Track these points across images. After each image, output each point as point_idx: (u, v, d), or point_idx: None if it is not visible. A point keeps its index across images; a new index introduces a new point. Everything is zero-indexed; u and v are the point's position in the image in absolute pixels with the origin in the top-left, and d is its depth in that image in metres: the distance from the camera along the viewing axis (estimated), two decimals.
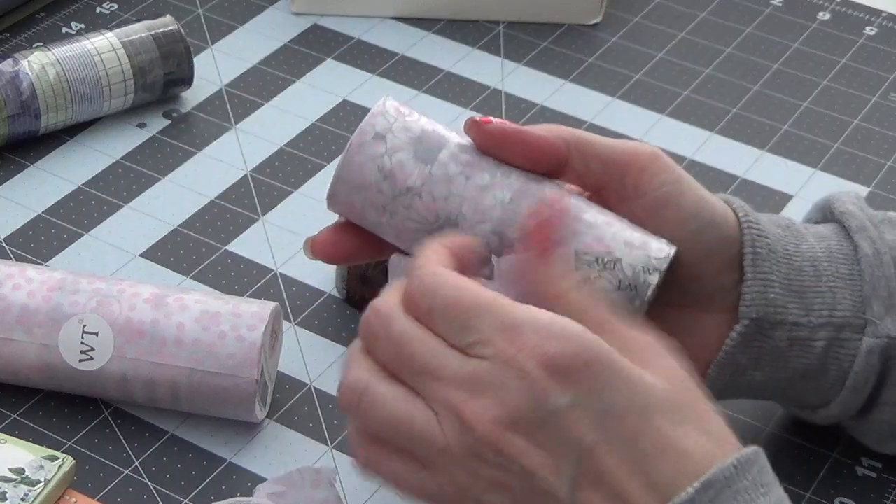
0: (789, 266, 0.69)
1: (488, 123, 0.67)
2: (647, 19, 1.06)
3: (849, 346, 0.69)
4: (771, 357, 0.69)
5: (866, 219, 0.71)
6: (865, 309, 0.69)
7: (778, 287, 0.68)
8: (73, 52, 0.90)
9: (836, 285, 0.69)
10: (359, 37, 1.03)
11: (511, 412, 0.57)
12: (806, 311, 0.69)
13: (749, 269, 0.68)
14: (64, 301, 0.73)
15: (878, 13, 1.08)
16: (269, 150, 0.93)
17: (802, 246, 0.70)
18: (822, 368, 0.69)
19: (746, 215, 0.69)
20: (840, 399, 0.70)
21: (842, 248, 0.70)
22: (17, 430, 0.74)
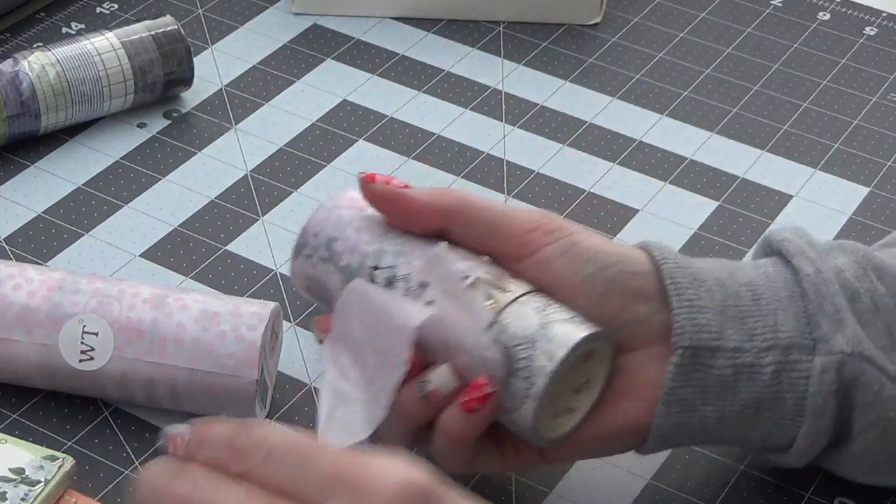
0: (723, 293, 0.67)
1: (371, 182, 0.68)
2: (647, 19, 1.06)
3: (800, 367, 0.66)
4: (718, 389, 0.66)
5: (804, 244, 0.69)
6: (813, 329, 0.66)
7: (710, 313, 0.66)
8: (73, 52, 0.90)
9: (776, 308, 0.67)
10: (359, 37, 1.03)
11: None
12: (748, 336, 0.66)
13: (674, 298, 0.66)
14: (64, 301, 0.73)
15: (878, 13, 1.08)
16: (269, 150, 0.93)
17: (737, 273, 0.68)
18: (776, 397, 0.67)
19: (662, 253, 0.67)
20: (805, 429, 0.67)
21: (779, 272, 0.68)
22: (17, 430, 0.74)
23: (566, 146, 0.94)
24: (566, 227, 0.67)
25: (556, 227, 0.67)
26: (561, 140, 0.95)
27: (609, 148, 0.95)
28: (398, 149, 0.93)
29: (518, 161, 0.93)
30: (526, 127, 0.96)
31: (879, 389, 0.67)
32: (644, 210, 0.90)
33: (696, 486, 0.73)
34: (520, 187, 0.91)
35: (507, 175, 0.92)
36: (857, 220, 0.90)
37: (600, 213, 0.89)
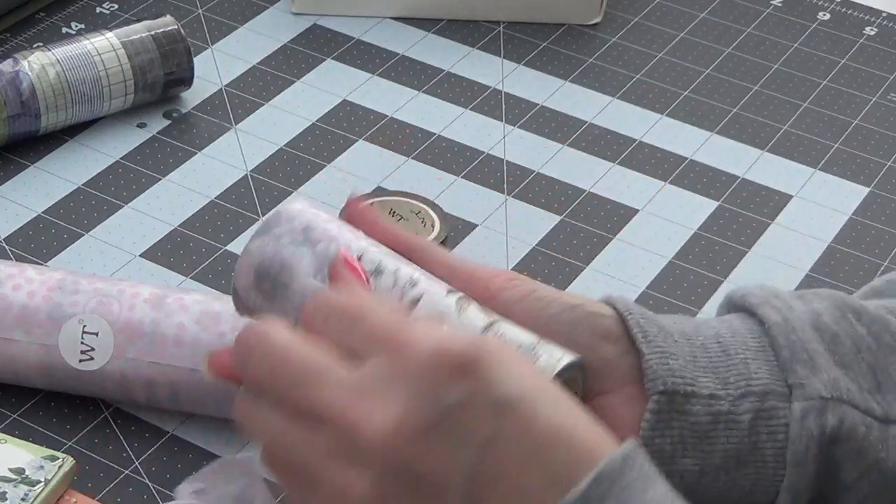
0: (691, 345, 0.65)
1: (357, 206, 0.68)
2: (647, 19, 1.06)
3: (778, 415, 0.64)
4: (696, 438, 0.64)
5: (768, 294, 0.67)
6: (788, 375, 0.64)
7: (681, 360, 0.64)
8: (73, 52, 0.90)
9: (747, 356, 0.65)
10: (359, 37, 1.03)
11: (404, 414, 0.55)
12: (722, 384, 0.64)
13: (643, 345, 0.65)
14: (64, 301, 0.73)
15: (878, 13, 1.08)
16: (269, 150, 0.93)
17: (702, 328, 0.66)
18: (755, 448, 0.64)
19: (626, 305, 0.66)
20: (787, 482, 0.64)
21: (745, 324, 0.66)
22: (17, 430, 0.74)
23: (566, 146, 0.94)
24: (528, 279, 0.67)
25: (517, 277, 0.67)
26: (561, 140, 0.95)
27: (609, 148, 0.95)
28: (398, 149, 0.93)
29: (518, 161, 0.93)
30: (526, 127, 0.96)
31: (866, 433, 0.64)
32: (644, 210, 0.90)
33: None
34: (520, 187, 0.91)
35: (507, 175, 0.92)
36: (857, 220, 0.90)
37: (600, 213, 0.89)
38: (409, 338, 0.56)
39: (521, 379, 0.56)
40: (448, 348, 0.55)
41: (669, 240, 0.88)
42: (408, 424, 0.55)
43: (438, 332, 0.56)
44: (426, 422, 0.55)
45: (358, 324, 0.58)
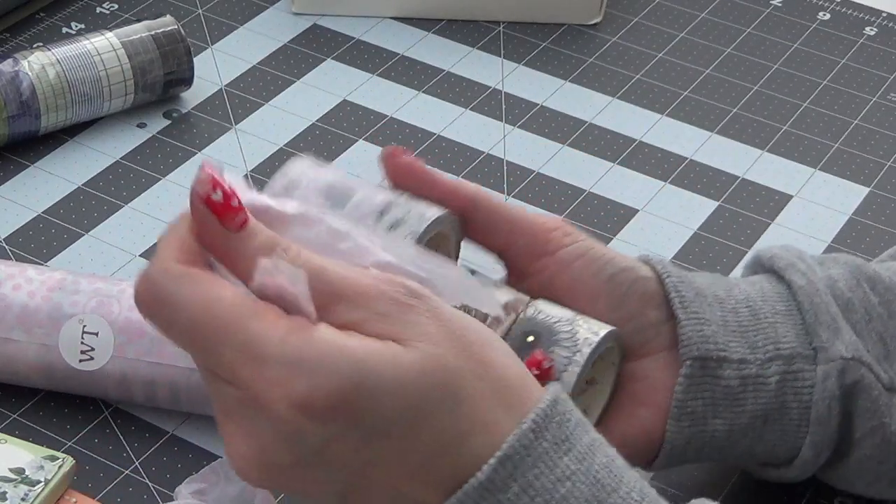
0: (723, 309, 0.68)
1: (400, 158, 0.66)
2: (647, 19, 1.06)
3: (804, 377, 0.67)
4: (726, 401, 0.67)
5: (793, 257, 0.69)
6: (812, 338, 0.67)
7: (714, 326, 0.67)
8: (73, 52, 0.90)
9: (775, 321, 0.68)
10: (359, 37, 1.03)
11: (261, 452, 0.52)
12: (751, 348, 0.67)
13: (679, 310, 0.67)
14: (64, 301, 0.73)
15: (878, 13, 1.08)
16: (269, 150, 0.93)
17: (734, 291, 0.69)
18: (781, 407, 0.67)
19: (664, 267, 0.68)
20: (810, 439, 0.67)
21: (774, 287, 0.69)
22: (17, 430, 0.74)
23: (566, 146, 0.94)
24: (580, 233, 0.68)
25: (571, 230, 0.68)
26: (561, 140, 0.95)
27: (609, 148, 0.95)
28: None
29: (518, 161, 0.93)
30: (526, 127, 0.96)
31: (877, 395, 0.67)
32: (644, 210, 0.90)
33: (696, 487, 0.73)
34: (520, 187, 0.91)
35: (507, 175, 0.92)
36: (857, 220, 0.90)
37: (600, 213, 0.89)
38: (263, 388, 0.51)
39: (394, 401, 0.52)
40: (307, 401, 0.51)
41: (669, 240, 0.88)
42: (266, 462, 0.53)
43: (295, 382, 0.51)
44: (285, 462, 0.53)
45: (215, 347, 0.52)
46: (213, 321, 0.52)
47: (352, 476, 0.53)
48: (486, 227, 0.67)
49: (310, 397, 0.51)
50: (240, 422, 0.53)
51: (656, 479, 0.73)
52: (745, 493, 0.73)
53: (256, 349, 0.51)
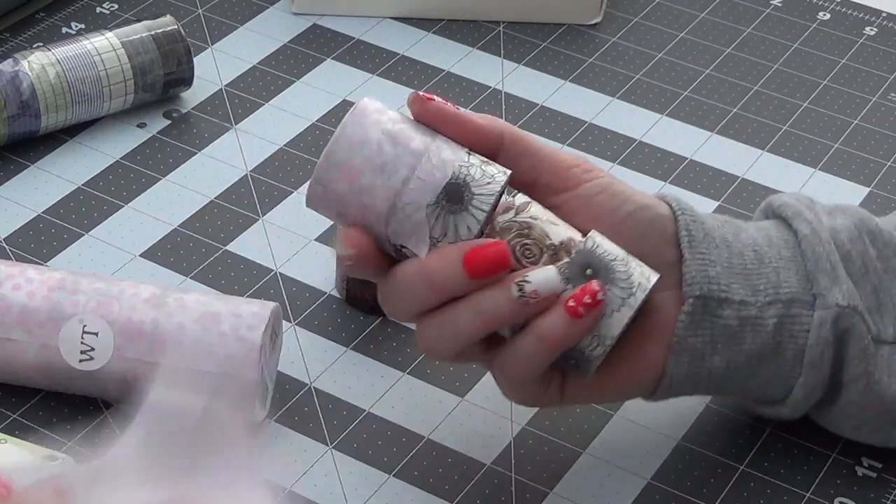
0: (729, 251, 0.70)
1: (431, 101, 0.68)
2: (647, 19, 1.06)
3: (801, 321, 0.70)
4: (725, 339, 0.70)
5: (802, 206, 0.72)
6: (812, 285, 0.70)
7: (719, 267, 0.70)
8: (73, 52, 0.90)
9: (779, 266, 0.71)
10: (359, 37, 1.03)
11: None
12: (752, 291, 0.70)
13: (686, 249, 0.70)
14: (64, 301, 0.73)
15: (878, 13, 1.08)
16: (269, 150, 0.93)
17: (741, 234, 0.72)
18: (777, 348, 0.70)
19: (679, 204, 0.71)
20: (802, 380, 0.70)
21: (781, 234, 0.72)
22: (17, 430, 0.74)
23: (566, 146, 0.94)
24: (601, 170, 0.70)
25: (593, 167, 0.70)
26: (561, 140, 0.95)
27: (609, 148, 0.95)
28: None
29: None
30: (526, 127, 0.96)
31: (866, 345, 0.70)
32: None
33: (696, 486, 0.73)
34: None
35: None
36: None
37: None
38: None
39: None
40: None
41: None
42: None
43: None
44: None
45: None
46: None
47: None
48: (512, 161, 0.69)
49: None
50: None
51: (656, 479, 0.73)
52: (745, 492, 0.73)
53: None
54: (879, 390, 0.71)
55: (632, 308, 0.67)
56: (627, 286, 0.67)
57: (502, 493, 0.73)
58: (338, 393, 0.77)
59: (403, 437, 0.75)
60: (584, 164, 0.70)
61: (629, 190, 0.70)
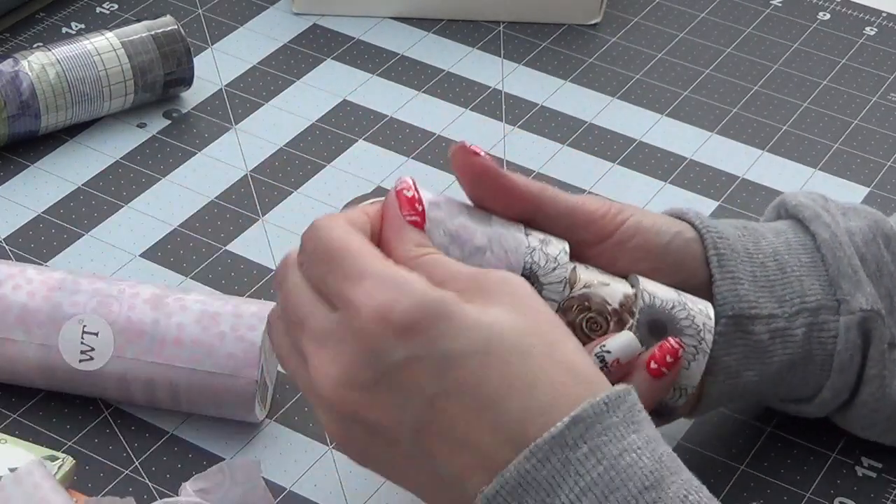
0: (752, 263, 0.70)
1: (477, 157, 0.66)
2: (647, 19, 1.06)
3: (828, 328, 0.70)
4: (757, 354, 0.70)
5: (819, 207, 0.72)
6: (836, 290, 0.70)
7: (746, 283, 0.70)
8: (73, 52, 0.90)
9: (801, 274, 0.71)
10: (359, 37, 1.03)
11: (347, 369, 0.58)
12: (779, 302, 0.70)
13: (716, 269, 0.69)
14: (64, 301, 0.73)
15: (878, 13, 1.08)
16: (269, 150, 0.93)
17: (762, 243, 0.71)
18: (807, 356, 0.70)
19: (702, 221, 0.70)
20: (830, 383, 0.71)
21: (799, 239, 0.72)
22: (17, 430, 0.74)
23: (566, 146, 0.94)
24: (625, 208, 0.70)
25: (620, 208, 0.70)
26: (561, 140, 0.95)
27: (609, 148, 0.95)
28: (398, 149, 0.93)
29: (518, 161, 0.93)
30: (526, 127, 0.96)
31: (884, 349, 0.71)
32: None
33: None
34: None
35: None
36: None
37: None
38: (357, 298, 0.58)
39: (469, 336, 0.57)
40: (390, 311, 0.57)
41: None
42: (350, 380, 0.58)
43: (384, 294, 0.58)
44: (367, 379, 0.58)
45: (333, 269, 0.60)
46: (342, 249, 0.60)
47: (425, 408, 0.57)
48: (551, 223, 0.69)
49: (391, 308, 0.57)
50: (330, 345, 0.58)
51: None
52: (746, 492, 0.73)
53: (364, 269, 0.59)
54: (890, 392, 0.71)
55: (706, 353, 0.67)
56: (694, 332, 0.67)
57: None
58: None
59: None
60: (611, 207, 0.69)
61: (656, 220, 0.70)
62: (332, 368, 0.58)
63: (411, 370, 0.57)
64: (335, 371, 0.58)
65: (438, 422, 0.57)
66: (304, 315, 0.60)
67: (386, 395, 0.58)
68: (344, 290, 0.59)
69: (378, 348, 0.57)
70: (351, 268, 0.59)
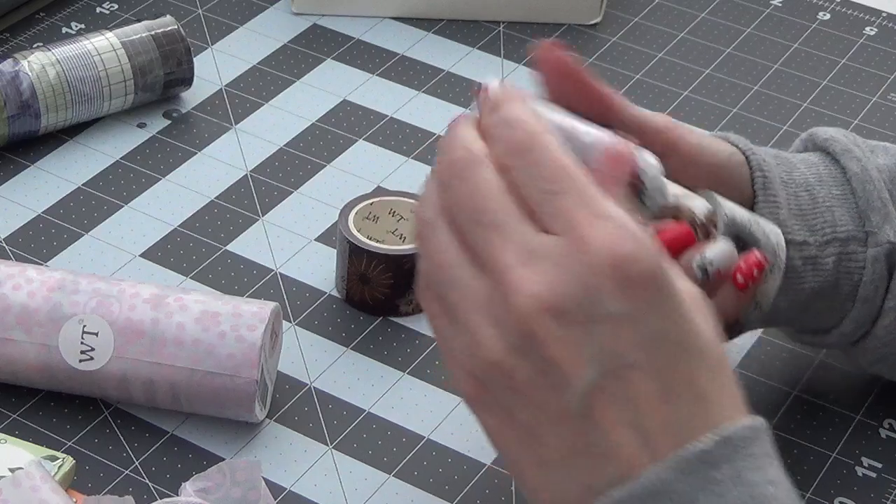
0: (786, 191, 0.72)
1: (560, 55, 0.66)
2: (647, 19, 1.06)
3: (856, 258, 0.72)
4: (789, 280, 0.71)
5: (850, 142, 0.73)
6: (864, 222, 0.72)
7: (784, 210, 0.71)
8: (73, 52, 0.90)
9: (832, 205, 0.72)
10: (359, 37, 1.03)
11: (556, 295, 0.54)
12: (810, 231, 0.71)
13: (760, 192, 0.71)
14: (64, 301, 0.73)
15: (878, 13, 1.08)
16: (269, 150, 0.93)
17: (794, 174, 0.72)
18: (834, 285, 0.72)
19: (747, 145, 0.72)
20: (853, 314, 0.72)
21: (830, 171, 0.73)
22: (17, 430, 0.74)
23: None
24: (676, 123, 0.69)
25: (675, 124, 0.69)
26: None
27: None
28: (398, 149, 0.93)
29: None
30: None
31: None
32: None
33: None
34: None
35: None
36: None
37: None
38: (593, 233, 0.54)
39: (683, 324, 0.55)
40: (626, 262, 0.54)
41: None
42: (554, 305, 0.54)
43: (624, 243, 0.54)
44: (573, 314, 0.54)
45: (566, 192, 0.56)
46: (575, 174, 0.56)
47: (614, 371, 0.54)
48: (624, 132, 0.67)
49: (628, 260, 0.54)
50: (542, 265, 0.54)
51: None
52: None
53: (606, 208, 0.55)
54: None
55: (780, 269, 0.67)
56: (771, 248, 0.67)
57: (502, 493, 0.73)
58: (338, 393, 0.77)
59: (403, 437, 0.75)
60: (668, 122, 0.68)
61: (712, 140, 0.70)
62: (538, 287, 0.54)
63: (620, 328, 0.54)
64: (541, 290, 0.54)
65: (621, 391, 0.54)
66: (507, 224, 0.56)
67: (583, 338, 0.54)
68: (578, 219, 0.55)
69: (599, 291, 0.54)
70: (591, 199, 0.55)
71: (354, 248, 0.80)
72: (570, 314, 0.54)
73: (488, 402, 0.56)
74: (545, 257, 0.55)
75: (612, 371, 0.54)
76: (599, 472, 0.55)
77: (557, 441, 0.55)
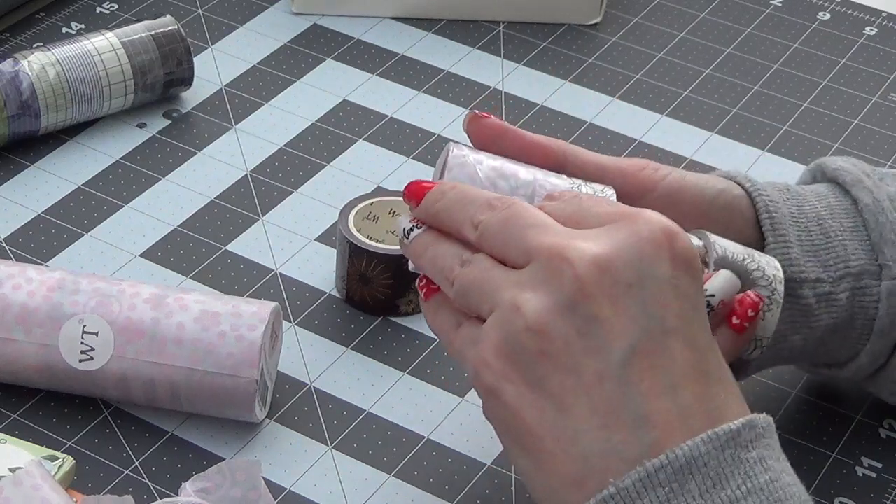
0: (797, 227, 0.71)
1: (487, 119, 0.68)
2: (647, 19, 1.06)
3: (870, 292, 0.71)
4: (803, 318, 0.70)
5: (860, 172, 0.73)
6: (878, 255, 0.71)
7: (796, 248, 0.70)
8: (73, 52, 0.90)
9: (844, 238, 0.71)
10: (359, 37, 1.03)
11: (611, 256, 0.57)
12: (823, 267, 0.70)
13: (769, 232, 0.70)
14: (64, 301, 0.73)
15: (878, 13, 1.08)
16: (269, 150, 0.93)
17: (805, 207, 0.72)
18: (849, 319, 0.71)
19: (752, 183, 0.71)
20: (868, 348, 0.71)
21: (841, 203, 0.72)
22: (17, 430, 0.74)
23: None
24: (664, 166, 0.70)
25: (658, 165, 0.70)
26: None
27: (609, 148, 0.95)
28: (398, 149, 0.93)
29: None
30: (526, 127, 0.96)
31: None
32: None
33: None
34: None
35: None
36: None
37: None
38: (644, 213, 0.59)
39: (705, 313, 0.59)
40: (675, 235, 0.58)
41: None
42: (609, 265, 0.57)
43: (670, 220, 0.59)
44: (625, 275, 0.57)
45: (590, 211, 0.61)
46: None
47: (657, 336, 0.57)
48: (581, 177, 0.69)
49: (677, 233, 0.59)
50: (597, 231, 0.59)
51: None
52: None
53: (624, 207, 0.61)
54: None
55: (779, 304, 0.67)
56: (767, 283, 0.67)
57: (502, 493, 0.73)
58: (338, 393, 0.77)
59: (403, 437, 0.75)
60: (648, 164, 0.70)
61: (700, 178, 0.70)
62: (594, 247, 0.58)
63: (665, 293, 0.57)
64: (597, 249, 0.58)
65: (662, 356, 0.57)
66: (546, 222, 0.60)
67: (631, 299, 0.57)
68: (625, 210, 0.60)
69: (651, 256, 0.58)
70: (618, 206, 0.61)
71: (354, 248, 0.80)
72: (622, 273, 0.57)
73: (514, 378, 0.58)
74: (595, 235, 0.58)
75: (653, 335, 0.57)
76: (633, 440, 0.56)
77: (588, 408, 0.57)
